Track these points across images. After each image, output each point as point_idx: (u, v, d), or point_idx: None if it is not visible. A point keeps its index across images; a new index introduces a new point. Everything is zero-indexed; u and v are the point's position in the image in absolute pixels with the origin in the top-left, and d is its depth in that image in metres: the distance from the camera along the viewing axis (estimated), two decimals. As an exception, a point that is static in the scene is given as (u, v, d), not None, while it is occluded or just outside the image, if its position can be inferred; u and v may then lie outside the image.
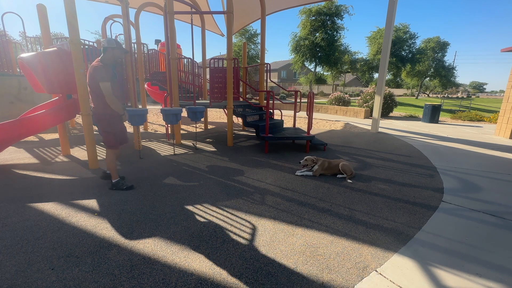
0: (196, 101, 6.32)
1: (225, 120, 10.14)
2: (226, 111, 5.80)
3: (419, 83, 31.91)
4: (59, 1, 3.56)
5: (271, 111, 6.39)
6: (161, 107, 8.06)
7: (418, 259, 1.95)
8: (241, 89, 7.66)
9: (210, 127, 8.53)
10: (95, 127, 3.77)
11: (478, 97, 47.81)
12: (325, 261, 1.92)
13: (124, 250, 1.99)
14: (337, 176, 3.76)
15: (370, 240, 2.19)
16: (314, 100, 8.22)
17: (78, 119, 8.39)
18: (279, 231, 2.32)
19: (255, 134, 6.84)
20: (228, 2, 5.12)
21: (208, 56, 7.91)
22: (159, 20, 7.95)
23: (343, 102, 13.58)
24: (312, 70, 29.06)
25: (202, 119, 7.28)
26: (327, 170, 3.81)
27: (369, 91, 12.49)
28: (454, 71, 30.11)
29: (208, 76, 6.80)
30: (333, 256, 1.98)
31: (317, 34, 24.75)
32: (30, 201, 2.80)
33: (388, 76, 30.98)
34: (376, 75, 30.50)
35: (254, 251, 2.02)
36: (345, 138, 6.74)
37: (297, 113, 6.26)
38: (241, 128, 8.20)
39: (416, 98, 30.41)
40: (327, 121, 10.25)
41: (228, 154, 4.94)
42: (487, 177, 3.82)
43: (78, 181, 3.43)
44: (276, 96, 7.88)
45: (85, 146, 4.66)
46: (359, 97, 13.16)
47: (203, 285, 1.66)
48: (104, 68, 2.87)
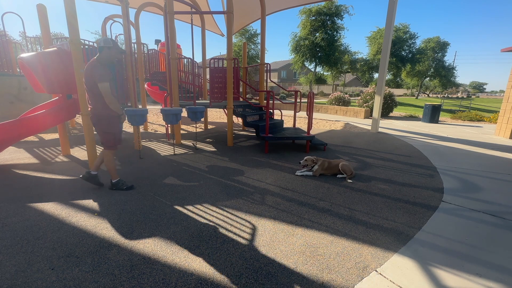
0: (196, 101, 6.32)
1: (225, 120, 10.14)
2: (226, 111, 5.81)
3: (419, 83, 31.92)
4: (59, 1, 3.56)
5: (271, 111, 6.39)
6: (161, 107, 8.06)
7: (418, 259, 1.95)
8: (241, 89, 7.67)
9: (210, 127, 8.53)
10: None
11: (478, 97, 47.82)
12: (325, 261, 1.92)
13: (124, 250, 2.00)
14: (337, 176, 3.76)
15: (370, 240, 2.19)
16: (314, 100, 8.22)
17: (78, 119, 8.39)
18: (279, 231, 2.32)
19: (255, 134, 6.84)
20: (228, 2, 5.13)
21: (208, 56, 7.92)
22: (159, 20, 7.96)
23: (343, 102, 13.58)
24: (312, 70, 29.07)
25: (202, 119, 7.29)
26: (327, 170, 3.82)
27: (369, 91, 12.49)
28: (454, 71, 30.16)
29: (208, 76, 6.80)
30: (333, 256, 1.98)
31: (317, 34, 24.76)
32: (30, 201, 2.80)
33: (388, 76, 30.99)
34: (376, 75, 30.50)
35: (254, 251, 2.02)
36: (345, 138, 6.74)
37: (297, 113, 6.26)
38: (241, 128, 8.20)
39: (416, 98, 30.42)
40: (327, 121, 10.25)
41: (228, 154, 4.94)
42: (487, 177, 3.82)
43: (78, 181, 3.43)
44: (276, 96, 7.88)
45: (85, 146, 4.67)
46: (359, 97, 13.15)
47: (203, 285, 1.66)
48: (102, 67, 2.83)
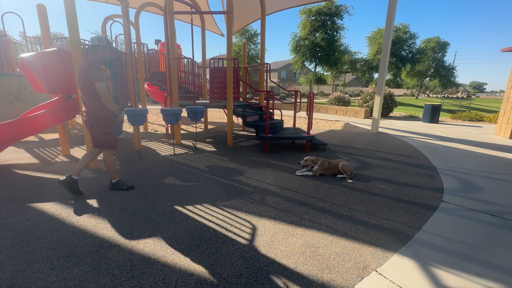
0: (196, 101, 6.32)
1: (225, 120, 10.13)
2: (226, 111, 5.81)
3: (419, 83, 31.92)
4: (59, 1, 3.56)
5: (271, 111, 6.39)
6: (161, 107, 8.06)
7: (418, 259, 1.95)
8: (241, 89, 7.67)
9: (210, 127, 8.53)
10: None
11: (478, 97, 47.82)
12: (325, 261, 1.92)
13: (124, 250, 1.99)
14: (337, 176, 3.76)
15: (370, 240, 2.19)
16: (314, 100, 8.22)
17: (78, 119, 8.38)
18: (279, 231, 2.32)
19: (255, 134, 6.84)
20: (228, 2, 5.13)
21: (208, 56, 7.92)
22: (159, 20, 7.95)
23: (343, 102, 13.58)
24: (312, 70, 29.07)
25: (202, 119, 7.29)
26: (327, 170, 3.81)
27: (369, 91, 12.49)
28: (454, 71, 30.17)
29: (208, 76, 6.80)
30: (333, 256, 1.98)
31: (317, 34, 24.77)
32: (30, 201, 2.80)
33: (388, 76, 30.99)
34: (376, 75, 30.51)
35: (254, 251, 2.02)
36: (345, 138, 6.74)
37: (297, 113, 6.26)
38: (241, 128, 8.20)
39: (416, 98, 30.42)
40: (327, 121, 10.25)
41: (228, 154, 4.94)
42: (487, 177, 3.82)
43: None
44: (276, 96, 7.88)
45: (85, 146, 4.67)
46: (359, 97, 13.15)
47: (203, 285, 1.66)
48: (98, 67, 2.77)
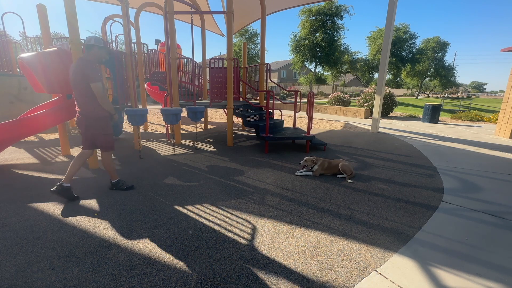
0: (196, 101, 6.32)
1: (225, 120, 10.14)
2: (226, 111, 5.81)
3: (419, 83, 31.91)
4: (59, 1, 3.56)
5: (271, 111, 6.39)
6: (161, 107, 8.06)
7: (418, 259, 1.95)
8: (241, 89, 7.67)
9: (210, 127, 8.53)
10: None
11: (478, 97, 47.80)
12: (325, 261, 1.92)
13: (124, 250, 1.99)
14: (337, 176, 3.76)
15: (370, 240, 2.19)
16: (314, 100, 8.22)
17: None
18: (279, 231, 2.32)
19: (255, 134, 6.84)
20: (228, 2, 5.13)
21: (208, 56, 7.92)
22: (159, 20, 7.96)
23: (343, 102, 13.58)
24: (312, 70, 29.07)
25: (202, 119, 7.29)
26: (327, 170, 3.81)
27: (369, 91, 12.49)
28: (454, 71, 30.15)
29: (208, 76, 6.80)
30: (333, 256, 1.98)
31: (317, 34, 24.75)
32: (30, 201, 2.80)
33: (388, 76, 30.99)
34: (376, 75, 30.51)
35: (254, 251, 2.02)
36: (345, 138, 6.74)
37: (297, 113, 6.26)
38: (241, 128, 8.20)
39: (416, 98, 30.42)
40: (327, 121, 10.25)
41: (228, 154, 4.94)
42: (487, 177, 3.82)
43: (78, 181, 3.43)
44: (276, 96, 7.88)
45: (85, 146, 4.66)
46: (359, 97, 13.15)
47: (203, 285, 1.66)
48: (94, 67, 2.73)
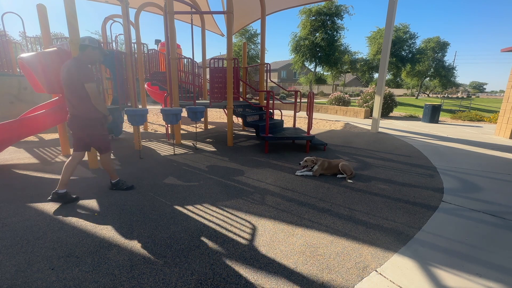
0: (196, 101, 6.32)
1: (225, 120, 10.13)
2: (226, 111, 5.81)
3: (419, 83, 31.91)
4: (59, 1, 3.56)
5: (271, 111, 6.39)
6: (161, 107, 8.06)
7: (418, 259, 1.95)
8: (241, 89, 7.67)
9: (210, 127, 8.53)
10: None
11: (478, 97, 47.80)
12: (325, 261, 1.92)
13: (124, 250, 1.99)
14: (337, 176, 3.76)
15: (370, 240, 2.19)
16: (314, 100, 8.22)
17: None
18: (279, 231, 2.32)
19: (255, 134, 6.84)
20: (228, 2, 5.13)
21: (208, 56, 7.92)
22: (159, 20, 7.96)
23: (343, 102, 13.58)
24: (312, 70, 29.07)
25: (202, 119, 7.29)
26: (327, 170, 3.81)
27: (369, 91, 12.49)
28: (454, 71, 30.15)
29: (208, 76, 6.80)
30: (333, 256, 1.98)
31: (317, 34, 24.75)
32: (30, 201, 2.80)
33: (388, 76, 30.99)
34: (376, 75, 30.50)
35: (254, 251, 2.02)
36: (345, 138, 6.74)
37: (297, 113, 6.26)
38: (241, 128, 8.20)
39: (416, 98, 30.42)
40: (327, 121, 10.25)
41: (228, 154, 4.94)
42: (487, 177, 3.82)
43: (78, 181, 3.43)
44: (276, 96, 7.88)
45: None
46: (359, 97, 13.15)
47: (203, 285, 1.66)
48: (88, 67, 2.70)
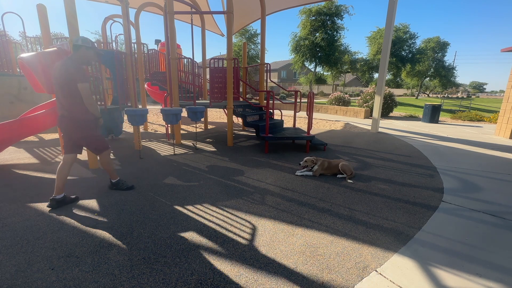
0: (196, 101, 6.32)
1: (225, 120, 10.13)
2: (226, 111, 5.81)
3: (419, 83, 31.91)
4: (59, 1, 3.56)
5: (271, 111, 6.39)
6: (161, 107, 8.06)
7: (418, 259, 1.95)
8: (241, 89, 7.66)
9: (210, 127, 8.53)
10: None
11: (478, 97, 47.79)
12: (325, 261, 1.92)
13: (124, 250, 1.99)
14: (337, 176, 3.75)
15: (370, 240, 2.19)
16: (314, 100, 8.22)
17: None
18: (279, 231, 2.32)
19: (255, 134, 6.84)
20: (228, 2, 5.13)
21: (208, 56, 7.92)
22: (159, 20, 7.96)
23: (343, 102, 13.58)
24: (312, 70, 29.07)
25: (202, 119, 7.29)
26: (327, 170, 3.81)
27: (369, 91, 12.49)
28: (454, 71, 30.15)
29: (208, 76, 6.80)
30: (333, 256, 1.98)
31: (317, 34, 24.76)
32: (30, 201, 2.80)
33: (388, 76, 30.99)
34: (376, 75, 30.50)
35: (254, 251, 2.02)
36: (345, 138, 6.74)
37: (297, 113, 6.26)
38: (241, 128, 8.20)
39: (416, 98, 30.42)
40: (327, 121, 10.25)
41: (228, 154, 4.94)
42: (487, 177, 3.82)
43: (78, 181, 3.43)
44: (276, 96, 7.88)
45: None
46: (359, 97, 13.15)
47: (203, 285, 1.66)
48: (82, 67, 2.66)
